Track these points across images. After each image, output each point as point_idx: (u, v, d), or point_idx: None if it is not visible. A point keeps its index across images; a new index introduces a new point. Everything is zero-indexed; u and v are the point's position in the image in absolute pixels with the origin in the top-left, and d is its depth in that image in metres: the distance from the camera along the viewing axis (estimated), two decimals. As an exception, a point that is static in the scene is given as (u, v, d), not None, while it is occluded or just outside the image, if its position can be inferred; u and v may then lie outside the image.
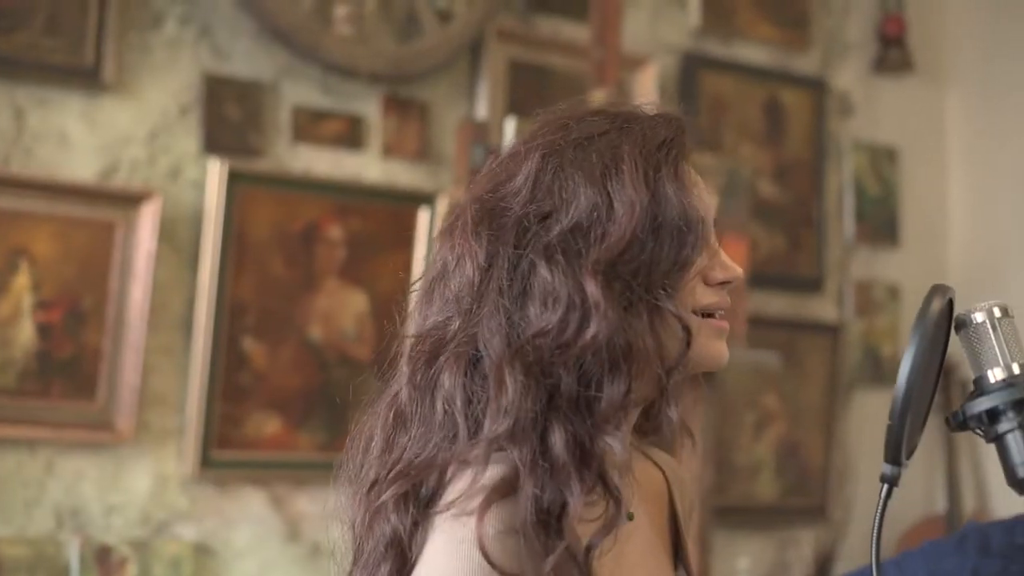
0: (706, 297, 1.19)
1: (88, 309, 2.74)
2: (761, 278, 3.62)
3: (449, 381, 1.12)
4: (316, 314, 2.98)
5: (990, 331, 1.14)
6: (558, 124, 1.20)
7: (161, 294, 2.81)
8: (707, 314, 1.20)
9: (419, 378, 1.15)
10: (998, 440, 1.13)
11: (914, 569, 2.16)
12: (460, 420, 1.11)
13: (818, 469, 3.76)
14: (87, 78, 2.77)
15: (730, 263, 1.21)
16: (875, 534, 1.13)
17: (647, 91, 3.46)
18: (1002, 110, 3.99)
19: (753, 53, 3.79)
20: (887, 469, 1.13)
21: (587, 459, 1.08)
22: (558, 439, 1.07)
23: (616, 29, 2.94)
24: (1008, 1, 4.01)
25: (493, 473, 1.07)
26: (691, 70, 3.63)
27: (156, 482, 2.81)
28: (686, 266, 1.14)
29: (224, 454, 2.86)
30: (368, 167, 3.11)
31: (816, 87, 3.88)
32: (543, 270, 1.11)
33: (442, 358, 1.13)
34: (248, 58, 2.98)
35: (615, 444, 1.08)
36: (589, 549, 1.08)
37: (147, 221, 2.77)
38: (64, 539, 2.69)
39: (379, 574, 1.12)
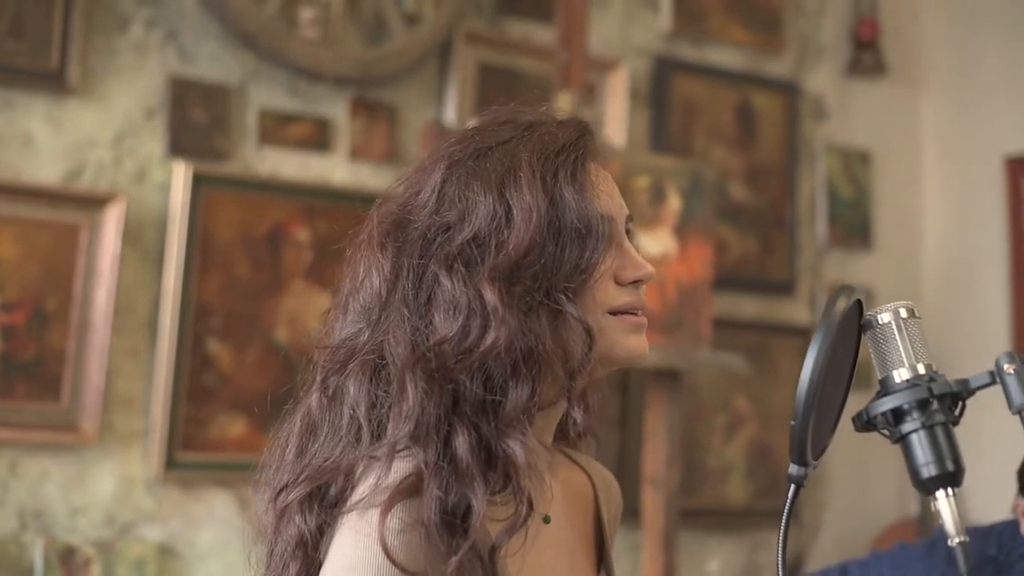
0: (619, 297, 1.19)
1: (52, 311, 2.75)
2: (733, 281, 3.63)
3: (355, 388, 1.14)
4: (282, 316, 2.99)
5: (895, 332, 1.14)
6: (464, 135, 1.21)
7: (126, 296, 2.82)
8: (622, 311, 1.20)
9: (329, 387, 1.17)
10: (903, 440, 1.13)
11: (879, 571, 2.16)
12: (364, 425, 1.13)
13: (789, 471, 3.75)
14: (52, 81, 2.78)
15: (641, 261, 1.21)
16: (782, 534, 1.13)
17: (618, 94, 3.48)
18: (975, 113, 4.00)
19: (725, 56, 3.80)
20: (793, 469, 1.13)
21: (492, 461, 1.09)
22: (462, 442, 1.09)
23: (581, 32, 2.94)
24: (981, 4, 4.02)
25: (398, 474, 1.08)
26: (663, 73, 3.64)
27: (121, 483, 2.82)
28: (588, 269, 1.15)
29: (189, 456, 2.87)
30: (335, 170, 3.12)
31: (789, 90, 3.89)
32: (444, 280, 1.13)
33: (350, 366, 1.16)
34: (214, 61, 2.98)
35: (517, 447, 1.09)
36: (494, 549, 1.09)
37: (112, 223, 2.78)
38: (28, 540, 2.70)
39: None
